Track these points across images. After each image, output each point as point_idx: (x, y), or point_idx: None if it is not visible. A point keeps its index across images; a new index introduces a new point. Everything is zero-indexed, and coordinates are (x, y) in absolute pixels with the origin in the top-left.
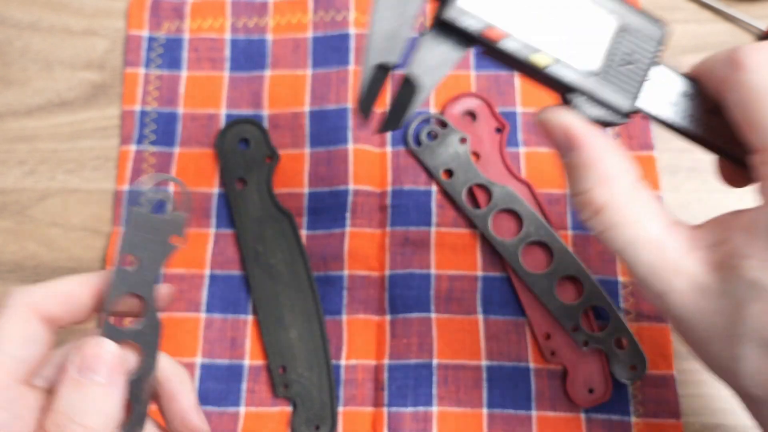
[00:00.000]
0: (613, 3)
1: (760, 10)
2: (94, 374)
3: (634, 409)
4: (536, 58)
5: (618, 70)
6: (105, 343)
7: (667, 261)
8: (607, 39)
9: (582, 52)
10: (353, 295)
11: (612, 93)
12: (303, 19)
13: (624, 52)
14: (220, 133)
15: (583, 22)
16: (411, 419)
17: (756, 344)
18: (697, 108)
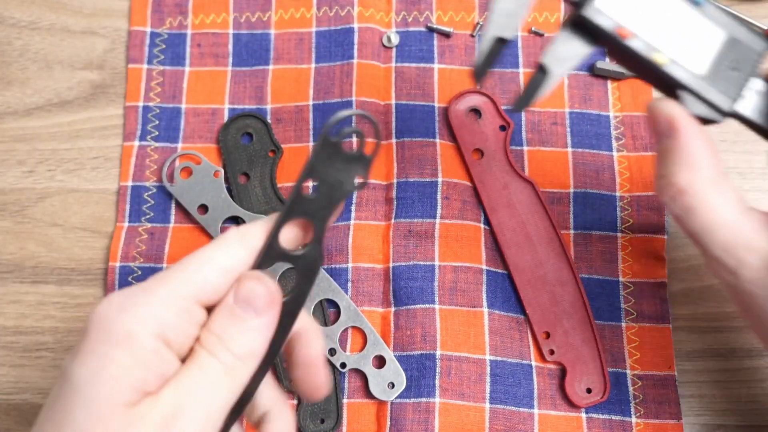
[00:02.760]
0: (725, 17)
1: (760, 10)
2: (248, 306)
3: (635, 409)
4: (656, 56)
5: (724, 74)
6: (264, 279)
7: (741, 239)
8: (717, 48)
9: (694, 56)
10: (358, 287)
11: (716, 94)
12: (306, 13)
13: (731, 60)
14: (223, 127)
15: (696, 30)
16: (413, 410)
17: None
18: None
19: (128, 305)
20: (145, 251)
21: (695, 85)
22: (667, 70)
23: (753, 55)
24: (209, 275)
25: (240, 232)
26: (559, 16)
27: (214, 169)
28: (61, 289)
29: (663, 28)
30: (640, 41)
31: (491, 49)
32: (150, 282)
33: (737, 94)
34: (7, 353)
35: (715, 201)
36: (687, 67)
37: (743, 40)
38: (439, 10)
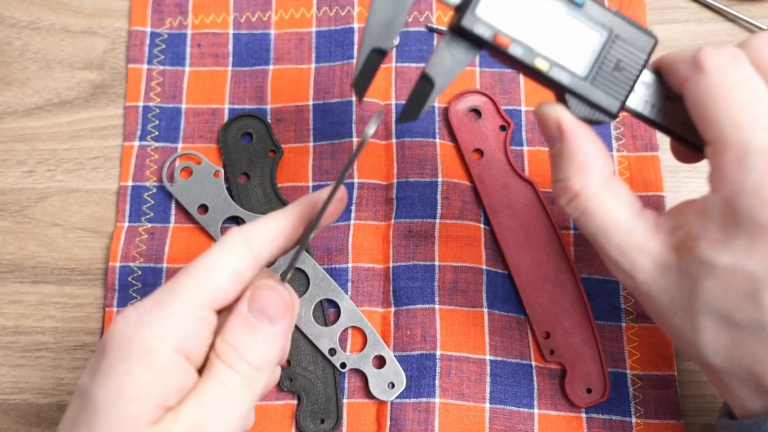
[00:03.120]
0: (609, 16)
1: (760, 10)
2: (262, 315)
3: (635, 409)
4: (538, 62)
5: (607, 75)
6: (278, 288)
7: (634, 242)
8: (597, 48)
9: (577, 59)
10: (358, 287)
11: (600, 95)
12: (306, 13)
13: (614, 60)
14: (223, 127)
15: (578, 32)
16: (413, 410)
17: (711, 317)
18: (656, 96)
19: (145, 321)
20: (145, 251)
21: (579, 88)
22: (549, 75)
23: (638, 52)
24: (219, 280)
25: (243, 233)
26: None
27: (215, 169)
28: (61, 289)
29: (544, 32)
30: (521, 48)
31: (369, 61)
32: (162, 294)
33: (623, 93)
34: (6, 353)
35: (608, 203)
36: (570, 70)
37: (627, 39)
38: (439, 10)
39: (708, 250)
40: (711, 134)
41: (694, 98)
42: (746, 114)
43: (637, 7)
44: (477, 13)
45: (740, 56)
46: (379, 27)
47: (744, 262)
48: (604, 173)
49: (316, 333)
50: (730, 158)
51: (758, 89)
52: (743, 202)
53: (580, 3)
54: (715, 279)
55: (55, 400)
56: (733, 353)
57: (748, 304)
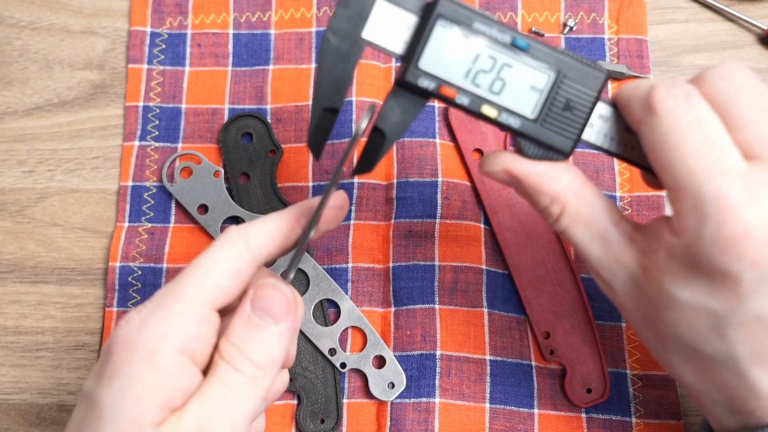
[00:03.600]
0: (552, 56)
1: (760, 10)
2: (265, 314)
3: (635, 409)
4: (485, 109)
5: (558, 115)
6: (280, 286)
7: (612, 254)
8: (544, 90)
9: (525, 102)
10: (358, 287)
11: (553, 136)
12: (306, 14)
13: (563, 100)
14: (223, 127)
15: (524, 75)
16: (413, 410)
17: (678, 344)
18: (615, 129)
19: (148, 323)
20: (146, 251)
21: (529, 131)
22: (499, 121)
23: (587, 90)
24: (219, 279)
25: (240, 232)
26: (559, 16)
27: (215, 169)
28: (61, 289)
29: (490, 78)
30: (467, 97)
31: (322, 121)
32: (163, 296)
33: (575, 132)
34: (7, 353)
35: (586, 215)
36: (520, 114)
37: (575, 77)
38: None
39: (671, 284)
40: (667, 181)
41: (648, 143)
42: (700, 160)
43: (637, 7)
44: (420, 65)
45: (694, 96)
46: (328, 86)
47: (705, 300)
48: (575, 188)
49: (316, 333)
50: (688, 207)
51: (712, 131)
52: (702, 250)
53: (524, 47)
54: (678, 312)
55: (55, 400)
56: (704, 377)
57: (714, 337)
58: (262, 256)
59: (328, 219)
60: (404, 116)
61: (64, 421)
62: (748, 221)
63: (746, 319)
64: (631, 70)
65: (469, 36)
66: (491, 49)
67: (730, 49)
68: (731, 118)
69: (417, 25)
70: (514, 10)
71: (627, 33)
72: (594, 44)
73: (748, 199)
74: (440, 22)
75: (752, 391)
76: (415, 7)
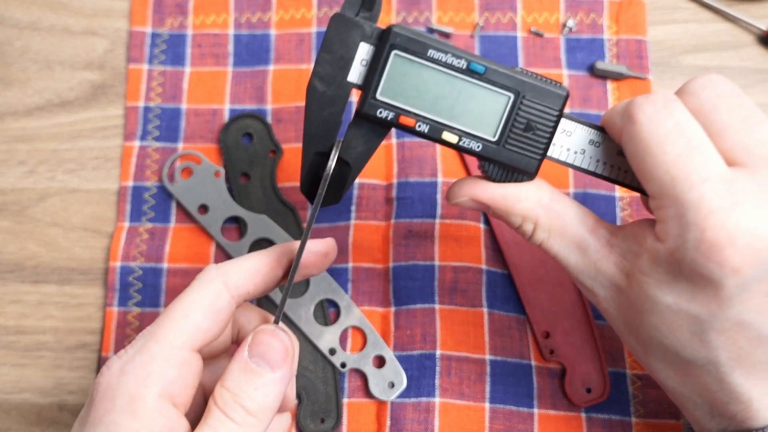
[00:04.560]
0: (511, 78)
1: (760, 10)
2: (262, 361)
3: (635, 408)
4: (446, 135)
5: (520, 136)
6: (278, 333)
7: (591, 261)
8: (503, 112)
9: (485, 125)
10: (358, 287)
11: (516, 157)
12: (307, 14)
13: (524, 121)
14: (224, 127)
15: (482, 99)
16: (413, 410)
17: (659, 349)
18: (606, 153)
19: (128, 369)
20: (146, 251)
21: (492, 154)
22: (460, 146)
23: (548, 109)
24: (197, 320)
25: (219, 271)
26: (558, 17)
27: (215, 169)
28: (62, 288)
29: (449, 104)
30: (427, 124)
31: (314, 165)
32: (143, 340)
33: (539, 152)
34: (7, 353)
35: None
36: (481, 137)
37: (535, 97)
38: (439, 11)
39: (654, 288)
40: (650, 189)
41: (630, 152)
42: (681, 167)
43: (637, 8)
44: (378, 96)
45: (673, 103)
46: (317, 131)
47: (687, 305)
48: (544, 202)
49: (316, 333)
50: (670, 214)
51: (693, 137)
52: (685, 257)
53: (480, 71)
54: (660, 316)
55: (55, 400)
56: (685, 381)
57: (695, 342)
58: (241, 296)
59: (311, 264)
60: (367, 145)
61: (65, 420)
62: (730, 228)
63: (727, 325)
64: (630, 71)
65: (425, 63)
66: (448, 75)
67: (729, 49)
68: (714, 126)
69: (373, 55)
70: (514, 10)
71: (627, 33)
72: (593, 44)
73: (730, 206)
74: (394, 51)
75: (733, 395)
76: (370, 36)
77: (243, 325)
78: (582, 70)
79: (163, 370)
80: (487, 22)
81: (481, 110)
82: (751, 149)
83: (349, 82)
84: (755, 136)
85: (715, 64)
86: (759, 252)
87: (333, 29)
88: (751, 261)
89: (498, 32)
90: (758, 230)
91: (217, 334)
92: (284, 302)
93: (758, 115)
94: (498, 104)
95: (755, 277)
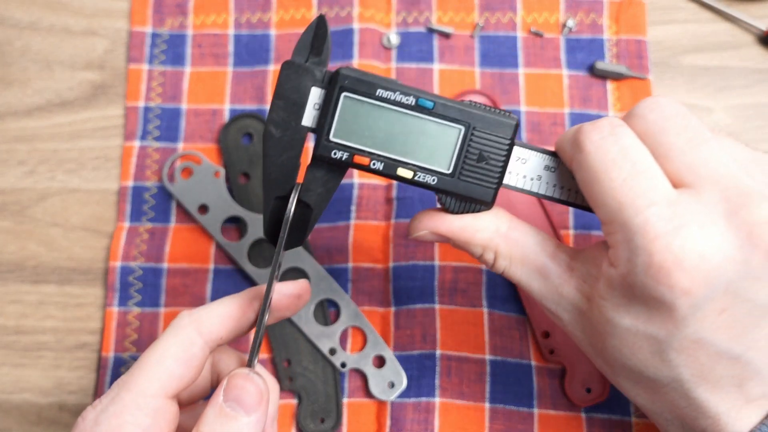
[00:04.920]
0: (460, 111)
1: (760, 10)
2: (237, 405)
3: (635, 408)
4: (401, 171)
5: (474, 167)
6: (253, 377)
7: (553, 286)
8: (455, 145)
9: (439, 159)
10: (358, 287)
11: (471, 188)
12: (307, 14)
13: (476, 152)
14: (224, 127)
15: (434, 133)
16: (413, 410)
17: (624, 369)
18: (562, 177)
19: (102, 419)
20: (146, 251)
21: (447, 186)
22: (415, 181)
23: (499, 139)
24: (169, 367)
25: (192, 317)
26: (558, 17)
27: (215, 169)
28: (62, 288)
29: (401, 140)
30: (381, 162)
31: (276, 209)
32: (117, 389)
33: (494, 181)
34: (7, 353)
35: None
36: (435, 170)
37: (485, 128)
38: (439, 11)
39: (612, 311)
40: (600, 215)
41: (580, 179)
42: (627, 192)
43: (637, 8)
44: (332, 137)
45: (619, 128)
46: (276, 176)
47: (645, 327)
48: (502, 231)
49: (316, 333)
50: (620, 239)
51: (638, 161)
52: (637, 281)
53: (429, 106)
54: (620, 339)
55: (55, 400)
56: (654, 398)
57: (657, 362)
58: (214, 341)
59: (283, 307)
60: (326, 187)
61: (65, 421)
62: (676, 251)
63: (685, 343)
64: (630, 71)
65: (375, 103)
66: (398, 112)
67: (729, 49)
68: (660, 149)
69: (324, 99)
70: (514, 10)
71: (626, 33)
72: (593, 45)
73: (675, 228)
74: (344, 94)
75: (700, 410)
76: (321, 80)
77: (222, 369)
78: (582, 70)
79: (136, 419)
80: (487, 22)
81: (434, 144)
82: (697, 169)
83: (304, 126)
84: (701, 156)
85: (715, 64)
86: (707, 272)
87: (284, 76)
88: (701, 281)
89: (498, 32)
90: (704, 251)
91: (191, 380)
92: (256, 346)
93: (704, 135)
94: (449, 137)
95: (707, 296)
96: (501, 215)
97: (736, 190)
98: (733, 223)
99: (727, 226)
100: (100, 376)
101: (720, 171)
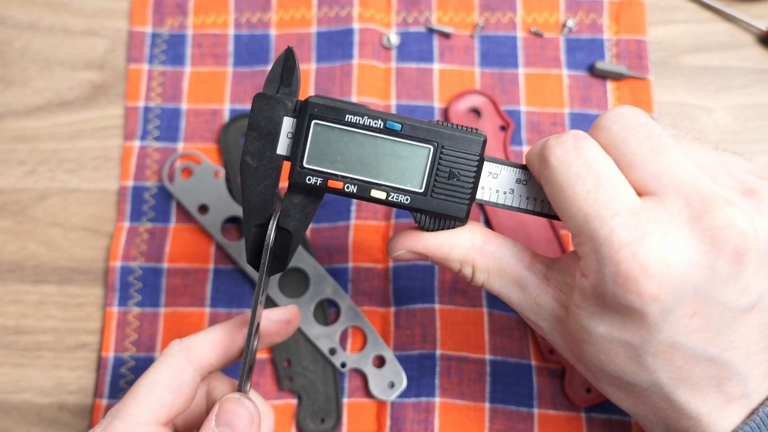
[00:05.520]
0: (427, 131)
1: (760, 10)
2: (229, 430)
3: None
4: (374, 193)
5: (445, 185)
6: (243, 402)
7: (530, 297)
8: (425, 164)
9: (409, 179)
10: (358, 287)
11: (445, 205)
12: (307, 14)
13: (447, 169)
14: (224, 127)
15: (404, 154)
16: (413, 410)
17: (604, 375)
18: (534, 189)
19: None
20: (146, 251)
21: (420, 205)
22: (389, 201)
23: (467, 155)
24: (160, 395)
25: (182, 345)
26: (558, 17)
27: (215, 169)
28: (62, 288)
29: (373, 163)
30: (354, 185)
31: (257, 237)
32: (110, 418)
33: (466, 197)
34: (7, 352)
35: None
36: (408, 190)
37: (453, 145)
38: (439, 11)
39: (587, 319)
40: (569, 227)
41: (548, 193)
42: (592, 203)
43: (637, 8)
44: (305, 164)
45: (582, 141)
46: (255, 205)
47: (619, 334)
48: (477, 246)
49: (316, 333)
50: (588, 250)
51: (602, 172)
52: (607, 290)
53: (397, 128)
54: (597, 346)
55: (55, 400)
56: (636, 402)
57: (635, 367)
58: (204, 368)
59: (273, 333)
60: (304, 212)
61: (65, 420)
62: (641, 259)
63: (660, 348)
64: (630, 71)
65: (344, 128)
66: (368, 135)
67: (729, 49)
68: (624, 158)
69: (296, 127)
70: (514, 10)
71: (626, 33)
72: (593, 45)
73: (640, 237)
74: (314, 121)
75: (681, 412)
76: (292, 110)
77: (216, 395)
78: (582, 70)
79: None
80: (487, 22)
81: (405, 164)
82: (660, 177)
83: (279, 154)
84: (663, 164)
85: (715, 64)
86: (673, 278)
87: (257, 108)
88: (668, 287)
89: (498, 32)
90: (669, 257)
91: (183, 407)
92: (246, 371)
93: (666, 143)
94: (420, 157)
95: (675, 301)
96: (475, 230)
97: (698, 196)
98: (696, 228)
99: (691, 231)
100: (99, 376)
101: (682, 178)
